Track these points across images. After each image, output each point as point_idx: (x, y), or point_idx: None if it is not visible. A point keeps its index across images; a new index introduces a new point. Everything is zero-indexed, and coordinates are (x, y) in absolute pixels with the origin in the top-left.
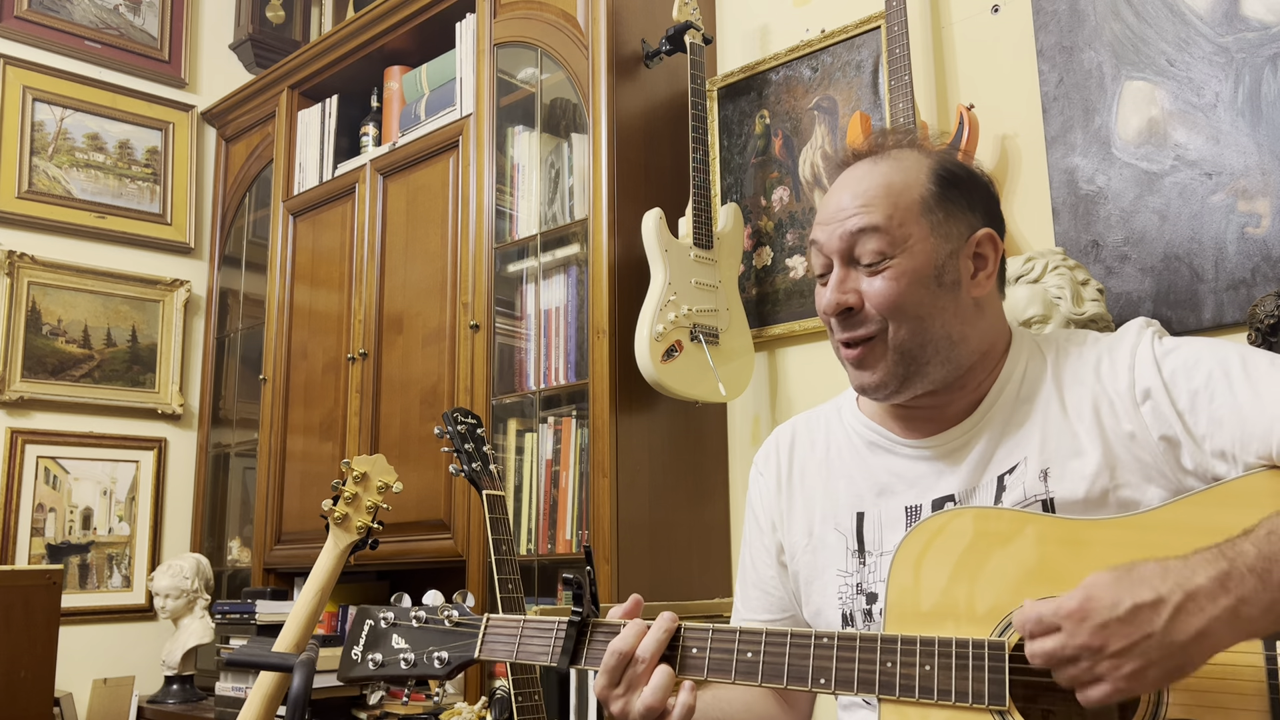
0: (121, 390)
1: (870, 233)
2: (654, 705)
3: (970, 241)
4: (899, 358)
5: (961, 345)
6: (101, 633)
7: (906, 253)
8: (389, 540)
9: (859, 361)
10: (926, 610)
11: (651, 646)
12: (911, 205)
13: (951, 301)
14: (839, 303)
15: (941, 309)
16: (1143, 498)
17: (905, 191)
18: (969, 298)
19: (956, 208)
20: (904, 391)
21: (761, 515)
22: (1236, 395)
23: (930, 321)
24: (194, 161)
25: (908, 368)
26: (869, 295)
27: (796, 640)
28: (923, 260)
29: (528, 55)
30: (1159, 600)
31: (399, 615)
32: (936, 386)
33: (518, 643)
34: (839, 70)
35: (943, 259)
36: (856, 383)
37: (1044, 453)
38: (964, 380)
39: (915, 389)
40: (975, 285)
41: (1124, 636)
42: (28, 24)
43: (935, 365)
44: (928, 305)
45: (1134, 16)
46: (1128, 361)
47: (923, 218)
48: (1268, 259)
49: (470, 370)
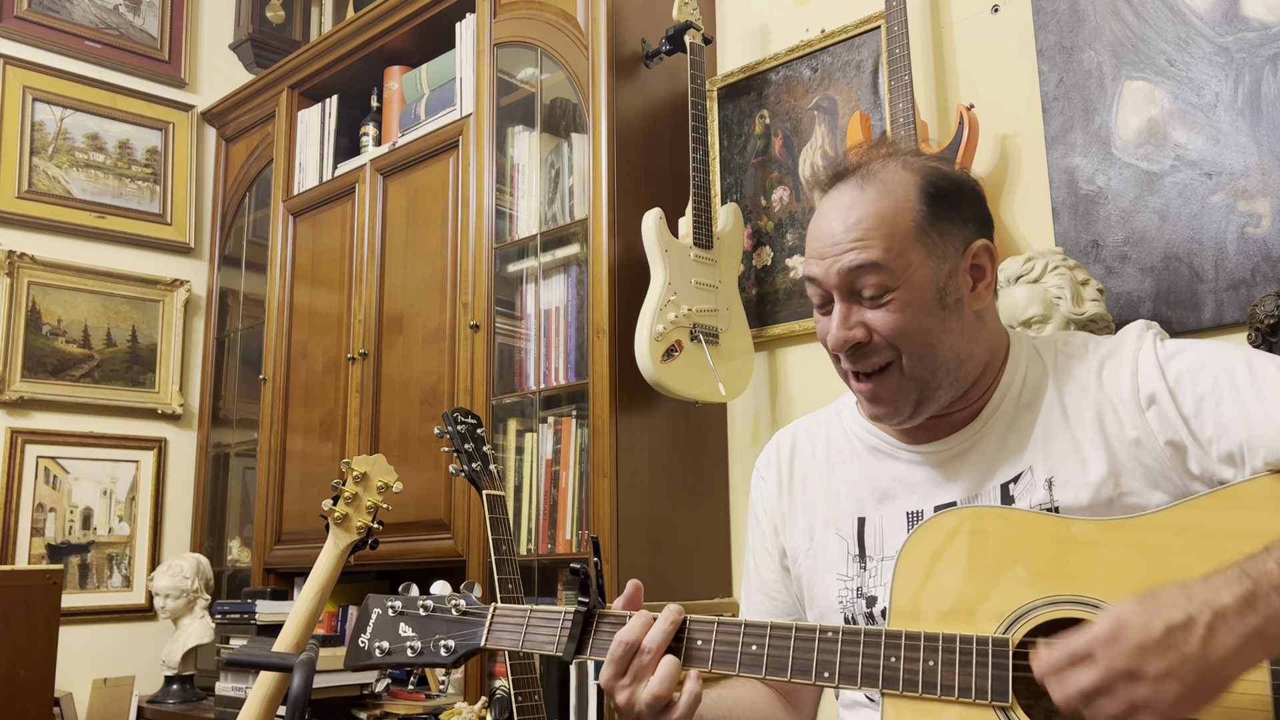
0: (121, 390)
1: (870, 268)
2: (661, 694)
3: (966, 255)
4: (912, 385)
5: (968, 362)
6: (101, 633)
7: (908, 283)
8: (389, 540)
9: (874, 396)
10: (930, 610)
11: (658, 637)
12: (906, 232)
13: (956, 322)
14: (846, 339)
15: (948, 331)
16: (1149, 503)
17: (898, 218)
18: (971, 313)
19: (949, 224)
20: (916, 417)
21: (764, 520)
22: (1243, 400)
23: (939, 346)
24: (194, 161)
25: (921, 394)
26: (876, 327)
27: (801, 634)
28: (924, 286)
29: (528, 55)
30: (1190, 620)
31: (406, 604)
32: (945, 405)
33: (524, 632)
34: (839, 70)
35: (943, 281)
36: (869, 413)
37: (1048, 460)
38: (968, 392)
39: (927, 413)
40: (975, 298)
41: (1162, 659)
42: (28, 24)
43: (946, 387)
44: (935, 330)
45: (1134, 16)
46: (1130, 366)
47: (918, 243)
48: (1268, 259)
49: (470, 370)
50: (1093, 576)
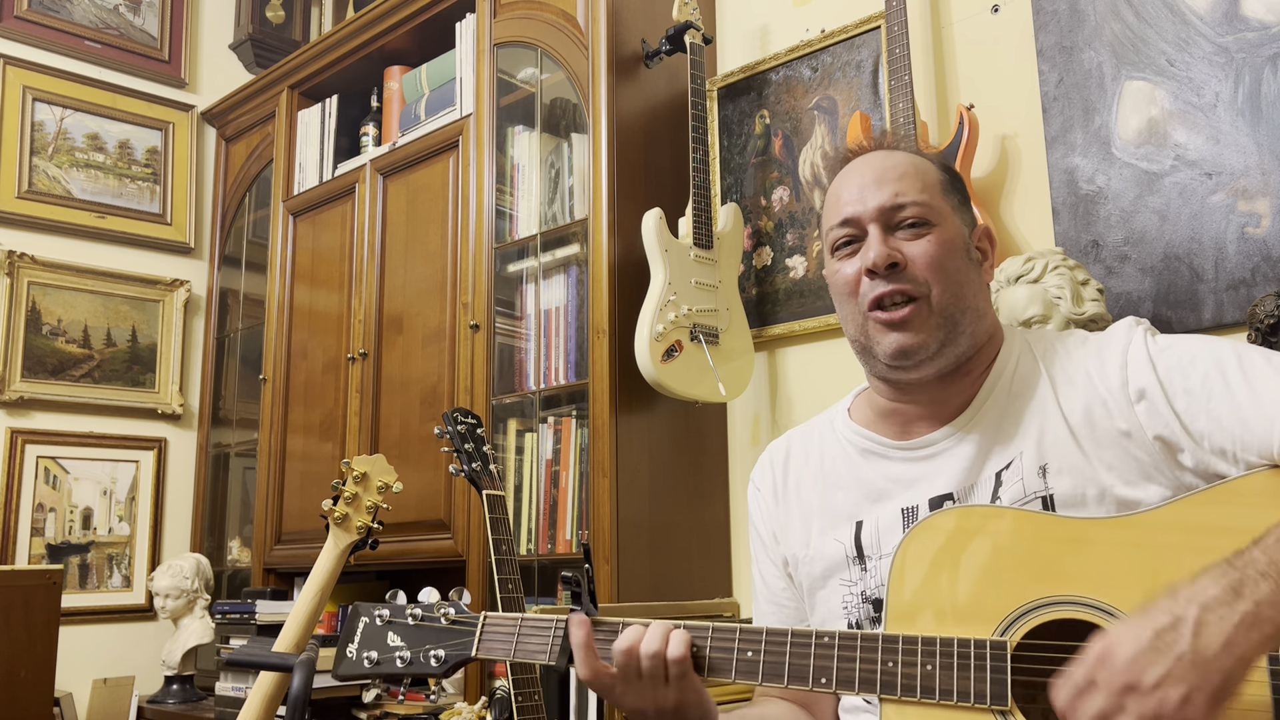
0: (121, 390)
1: (910, 203)
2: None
3: (975, 232)
4: (942, 320)
5: (981, 322)
6: (101, 633)
7: (944, 223)
8: (389, 540)
9: (904, 322)
10: (927, 610)
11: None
12: (937, 184)
13: (977, 276)
14: (889, 256)
15: (972, 281)
16: (1143, 495)
17: (929, 172)
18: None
19: (961, 198)
20: (938, 360)
21: (764, 530)
22: (1234, 394)
23: (965, 289)
24: (194, 161)
25: (947, 332)
26: (914, 257)
27: (797, 639)
28: (955, 232)
29: (528, 55)
30: (1177, 620)
31: (394, 612)
32: (958, 361)
33: (515, 641)
34: (839, 70)
35: (966, 236)
36: (893, 345)
37: (1041, 448)
38: (967, 367)
39: (947, 357)
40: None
41: (1157, 664)
42: (28, 24)
43: (965, 336)
44: (964, 274)
45: (1134, 16)
46: (1119, 360)
47: (946, 197)
48: (1268, 259)
49: (470, 370)
50: (1090, 576)
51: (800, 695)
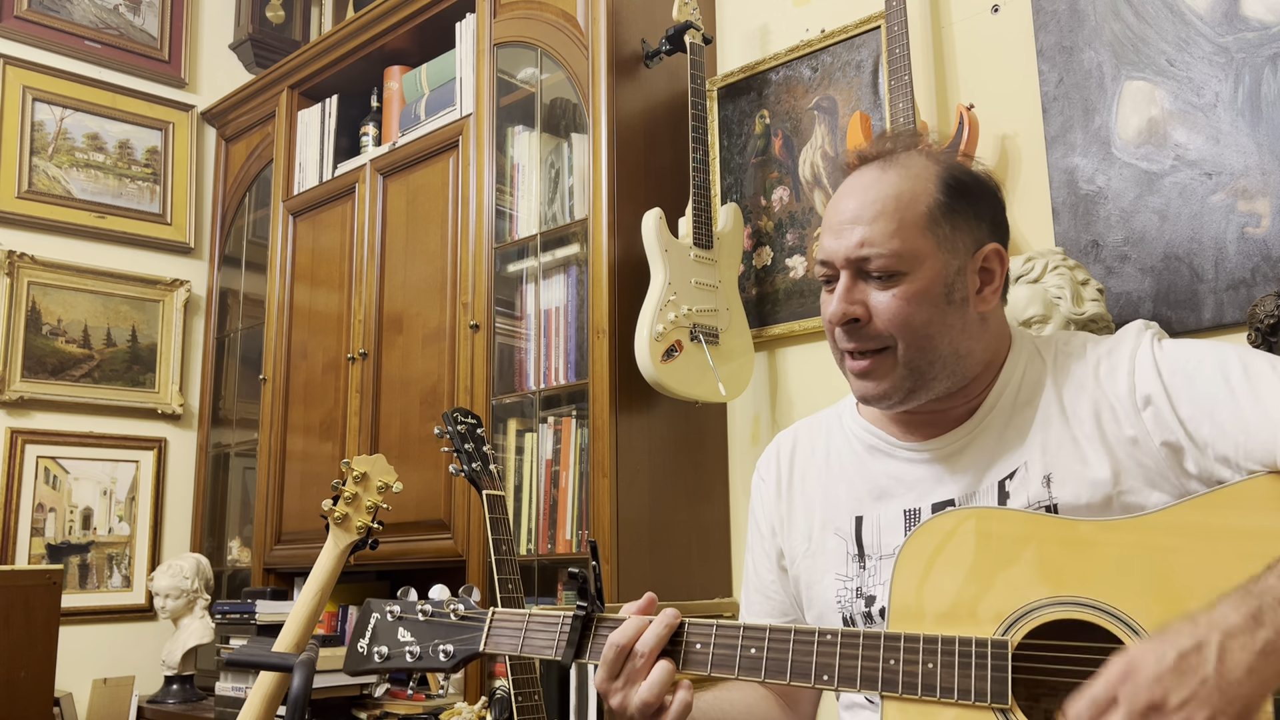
0: (121, 390)
1: (876, 255)
2: (650, 701)
3: (977, 257)
4: (907, 373)
5: (968, 359)
6: (101, 633)
7: (916, 271)
8: (389, 540)
9: (865, 373)
10: (930, 611)
11: (651, 641)
12: (920, 219)
13: (959, 318)
14: (845, 313)
15: (949, 326)
16: (1147, 502)
17: (914, 203)
18: (975, 313)
19: (964, 219)
20: (908, 403)
21: (762, 521)
22: (1239, 402)
23: (939, 339)
24: (194, 161)
25: (915, 382)
26: (878, 311)
27: (800, 637)
28: (932, 278)
29: (528, 55)
30: (1200, 644)
31: (405, 609)
32: (940, 395)
33: (523, 636)
34: (839, 70)
35: (951, 276)
36: (860, 392)
37: (1046, 457)
38: (967, 388)
39: (920, 400)
40: (981, 301)
41: (1182, 685)
42: (28, 24)
43: (941, 379)
44: (936, 323)
45: (1134, 16)
46: (1127, 366)
47: (929, 232)
48: (1268, 259)
49: (470, 370)
50: (1093, 577)
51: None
